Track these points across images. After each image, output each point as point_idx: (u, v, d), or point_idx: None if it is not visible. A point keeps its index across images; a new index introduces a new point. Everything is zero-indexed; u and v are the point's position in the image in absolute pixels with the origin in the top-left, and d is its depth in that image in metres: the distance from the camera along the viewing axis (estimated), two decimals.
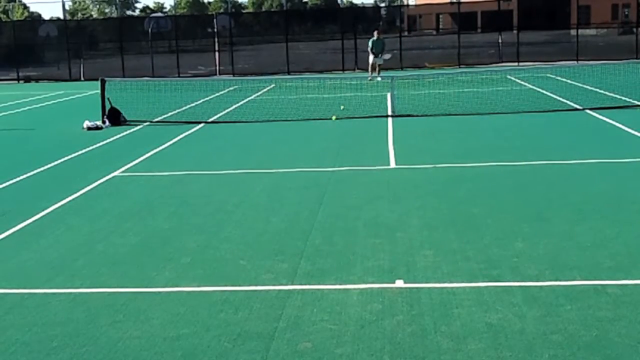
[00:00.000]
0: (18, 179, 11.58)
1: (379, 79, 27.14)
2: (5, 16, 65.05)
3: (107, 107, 18.08)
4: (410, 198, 9.41)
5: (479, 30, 56.13)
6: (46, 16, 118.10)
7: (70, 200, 9.97)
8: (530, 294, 5.99)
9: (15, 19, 59.77)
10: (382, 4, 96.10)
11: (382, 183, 10.38)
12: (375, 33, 28.72)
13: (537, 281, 6.27)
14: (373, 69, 28.29)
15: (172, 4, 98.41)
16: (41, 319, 5.87)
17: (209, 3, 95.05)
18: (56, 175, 11.96)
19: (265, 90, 26.27)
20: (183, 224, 8.61)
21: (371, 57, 28.48)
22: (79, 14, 78.43)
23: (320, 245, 7.51)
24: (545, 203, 8.91)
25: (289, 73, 35.42)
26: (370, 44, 28.41)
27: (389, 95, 20.00)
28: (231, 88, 26.59)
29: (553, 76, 26.39)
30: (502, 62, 35.83)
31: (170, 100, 21.60)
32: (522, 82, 24.84)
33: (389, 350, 5.08)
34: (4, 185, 11.18)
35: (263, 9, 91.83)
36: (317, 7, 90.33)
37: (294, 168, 11.71)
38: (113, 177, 11.55)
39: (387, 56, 30.20)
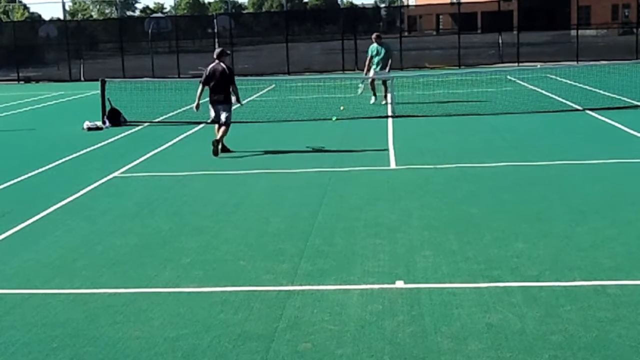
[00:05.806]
0: (18, 179, 11.58)
1: None
2: (5, 17, 65.07)
3: (107, 107, 18.08)
4: (410, 198, 9.41)
5: (479, 30, 56.21)
6: (46, 17, 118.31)
7: (70, 201, 9.97)
8: (530, 294, 5.98)
9: (15, 19, 59.83)
10: (382, 5, 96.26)
11: (382, 183, 10.38)
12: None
13: (537, 281, 6.27)
14: None
15: (172, 4, 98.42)
16: (41, 320, 5.86)
17: (209, 4, 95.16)
18: (56, 176, 11.96)
19: (265, 90, 26.26)
20: (183, 224, 8.61)
21: None
22: (79, 15, 78.49)
23: (320, 246, 7.51)
24: (545, 203, 8.91)
25: (289, 73, 35.40)
26: None
27: (389, 96, 19.99)
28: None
29: (553, 76, 26.38)
30: (503, 62, 35.83)
31: (170, 100, 21.57)
32: (522, 83, 24.83)
33: (389, 351, 5.08)
34: (4, 185, 11.18)
35: (263, 10, 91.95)
36: (317, 7, 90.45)
37: (294, 168, 11.70)
38: (113, 177, 11.55)
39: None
